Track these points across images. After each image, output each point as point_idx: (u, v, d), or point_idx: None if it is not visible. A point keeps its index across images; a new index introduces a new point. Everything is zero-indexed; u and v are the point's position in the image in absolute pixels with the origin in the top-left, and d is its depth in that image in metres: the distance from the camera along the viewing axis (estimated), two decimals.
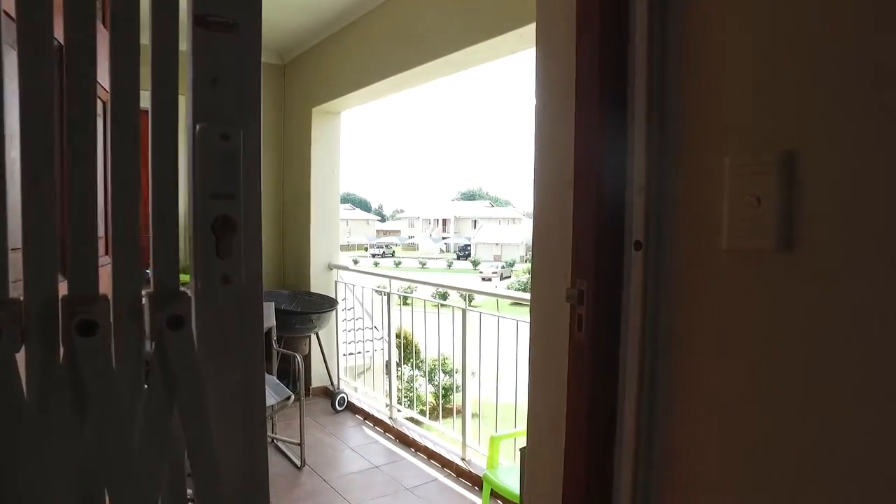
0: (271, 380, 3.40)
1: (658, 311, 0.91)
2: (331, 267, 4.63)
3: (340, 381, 4.65)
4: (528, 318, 1.26)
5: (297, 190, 4.76)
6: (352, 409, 4.29)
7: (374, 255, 66.69)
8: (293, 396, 3.19)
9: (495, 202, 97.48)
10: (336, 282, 4.62)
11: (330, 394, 4.44)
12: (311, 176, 4.57)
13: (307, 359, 4.51)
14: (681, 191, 0.87)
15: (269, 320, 3.53)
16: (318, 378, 4.62)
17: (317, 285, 4.57)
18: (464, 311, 3.24)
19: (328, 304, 4.32)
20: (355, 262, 49.76)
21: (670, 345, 0.90)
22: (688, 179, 0.86)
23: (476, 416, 3.61)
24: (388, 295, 3.95)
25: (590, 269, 0.97)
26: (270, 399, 3.21)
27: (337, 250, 4.71)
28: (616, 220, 0.95)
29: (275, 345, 3.55)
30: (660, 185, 0.89)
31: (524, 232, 65.75)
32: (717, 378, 0.84)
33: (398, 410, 3.96)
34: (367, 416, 4.11)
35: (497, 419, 3.83)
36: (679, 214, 0.88)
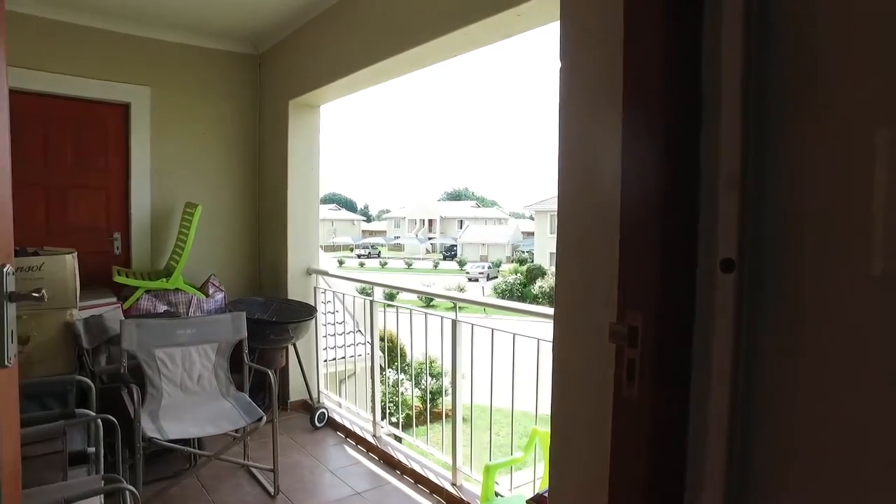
0: (242, 399, 3.08)
1: (755, 363, 0.62)
2: (310, 272, 4.30)
3: (321, 395, 4.33)
4: (524, 328, 0.97)
5: (273, 189, 4.43)
6: (333, 425, 3.97)
7: (359, 256, 66.07)
8: (264, 418, 2.87)
9: (481, 202, 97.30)
10: (315, 288, 4.29)
11: (309, 408, 4.12)
12: (288, 174, 4.24)
13: (284, 371, 4.19)
14: (798, 184, 0.58)
15: (241, 332, 3.21)
16: (296, 391, 4.30)
17: (295, 292, 4.24)
18: (454, 322, 2.94)
19: (307, 312, 3.99)
20: (341, 262, 49.31)
21: (773, 419, 0.61)
22: (812, 166, 0.57)
23: (467, 420, 3.31)
24: (372, 302, 3.64)
25: (648, 297, 0.68)
26: (240, 421, 2.89)
27: (317, 254, 4.39)
28: (688, 228, 0.66)
29: (246, 359, 3.22)
30: (763, 174, 0.60)
31: (510, 232, 65.59)
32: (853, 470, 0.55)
33: (382, 427, 3.65)
34: (349, 434, 3.79)
35: (491, 432, 3.54)
36: (795, 220, 0.58)
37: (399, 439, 3.65)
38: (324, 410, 3.98)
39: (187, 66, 4.26)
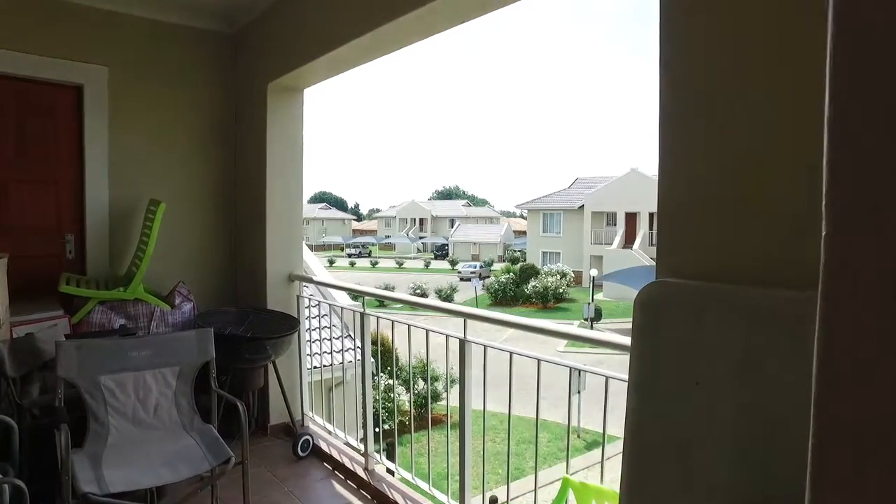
0: (207, 434, 2.57)
1: None
2: (292, 278, 3.79)
3: (305, 418, 3.82)
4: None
5: (250, 184, 3.92)
6: (318, 453, 3.47)
7: (349, 256, 65.43)
8: (233, 459, 2.36)
9: (472, 201, 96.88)
10: (299, 297, 3.78)
11: (292, 433, 3.61)
12: (267, 167, 3.73)
13: (263, 391, 3.68)
14: None
15: (208, 352, 2.70)
16: (277, 413, 3.79)
17: (275, 301, 3.73)
18: (462, 343, 2.44)
19: (288, 325, 3.48)
20: (331, 262, 48.69)
21: None
22: None
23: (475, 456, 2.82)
24: (363, 315, 3.13)
25: None
26: (204, 463, 2.38)
27: (300, 258, 3.88)
28: None
29: (214, 385, 2.71)
30: None
31: (502, 231, 65.21)
32: None
33: (375, 461, 3.15)
34: (338, 466, 3.29)
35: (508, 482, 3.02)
36: None
37: (392, 472, 3.16)
38: (308, 437, 3.48)
39: (151, 44, 3.73)
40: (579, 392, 14.12)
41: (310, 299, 3.93)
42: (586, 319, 24.94)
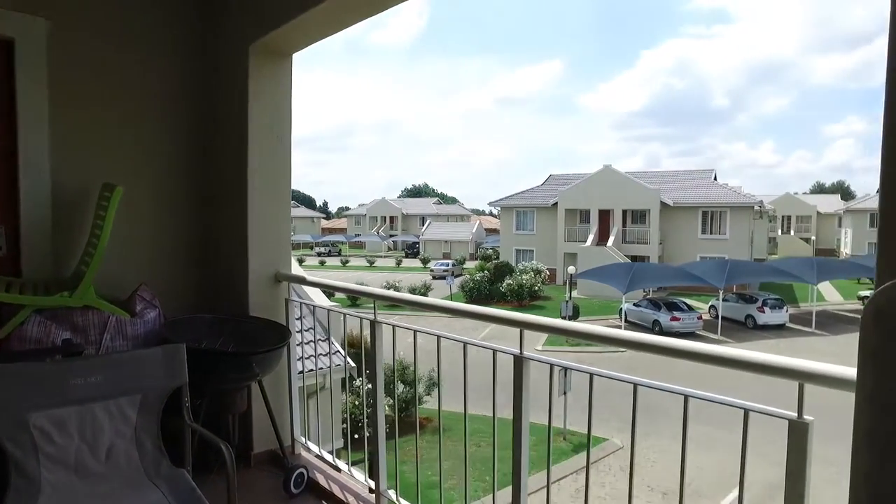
0: (179, 482, 1.95)
1: None
2: (279, 279, 3.17)
3: (296, 444, 3.21)
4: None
5: (227, 166, 3.28)
6: (315, 489, 2.87)
7: (319, 255, 64.18)
8: None
9: (443, 199, 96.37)
10: (288, 300, 3.16)
11: (281, 464, 3.00)
12: (248, 147, 3.10)
13: (246, 416, 3.05)
14: None
15: (178, 374, 2.08)
16: (263, 439, 3.17)
17: (259, 306, 3.11)
18: (518, 360, 1.89)
19: (277, 335, 2.87)
20: (301, 261, 47.49)
21: None
22: None
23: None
24: (375, 324, 2.53)
25: None
26: None
27: (288, 256, 3.26)
28: None
29: (188, 417, 2.09)
30: None
31: (473, 229, 64.89)
32: None
33: (391, 501, 2.57)
34: None
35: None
36: None
37: None
38: (302, 470, 2.87)
39: None
40: (565, 393, 13.73)
41: (301, 304, 3.31)
42: (564, 317, 24.67)
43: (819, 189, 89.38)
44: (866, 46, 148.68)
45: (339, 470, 2.97)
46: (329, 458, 3.04)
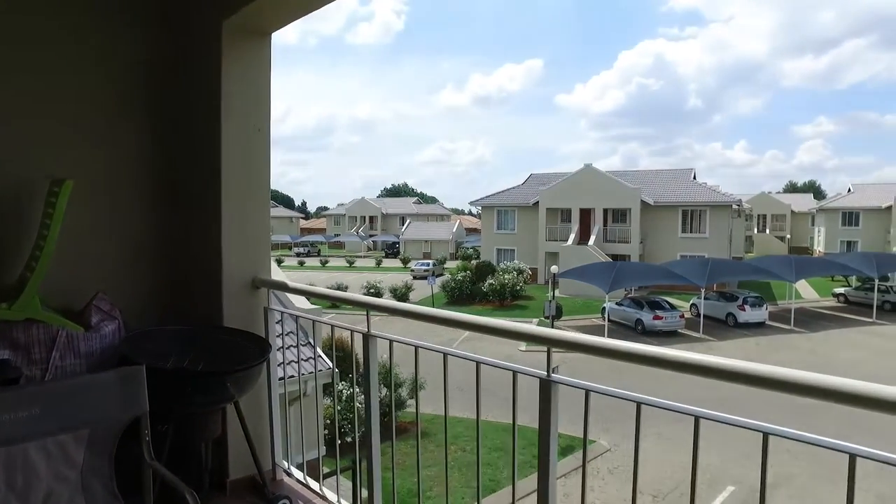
0: None
1: None
2: (257, 285, 2.82)
3: (277, 469, 2.87)
4: None
5: (199, 160, 2.91)
6: None
7: (298, 255, 63.28)
8: None
9: (422, 198, 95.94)
10: (267, 309, 2.81)
11: (260, 492, 2.66)
12: (221, 136, 2.74)
13: (221, 439, 2.70)
14: None
15: (136, 403, 1.73)
16: (240, 465, 2.81)
17: (235, 315, 2.75)
18: (547, 384, 1.58)
19: (255, 349, 2.52)
20: (279, 262, 46.68)
21: None
22: None
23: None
24: (369, 337, 2.21)
25: None
26: None
27: (268, 258, 2.92)
28: None
29: (148, 454, 1.74)
30: None
31: (453, 228, 64.64)
32: None
33: None
34: None
35: None
36: None
37: None
38: (285, 501, 2.53)
39: None
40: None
41: (282, 313, 2.96)
42: (547, 317, 24.52)
43: (792, 188, 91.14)
44: (834, 50, 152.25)
45: (325, 500, 2.63)
46: (315, 486, 2.70)
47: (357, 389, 8.44)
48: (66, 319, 2.34)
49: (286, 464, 2.89)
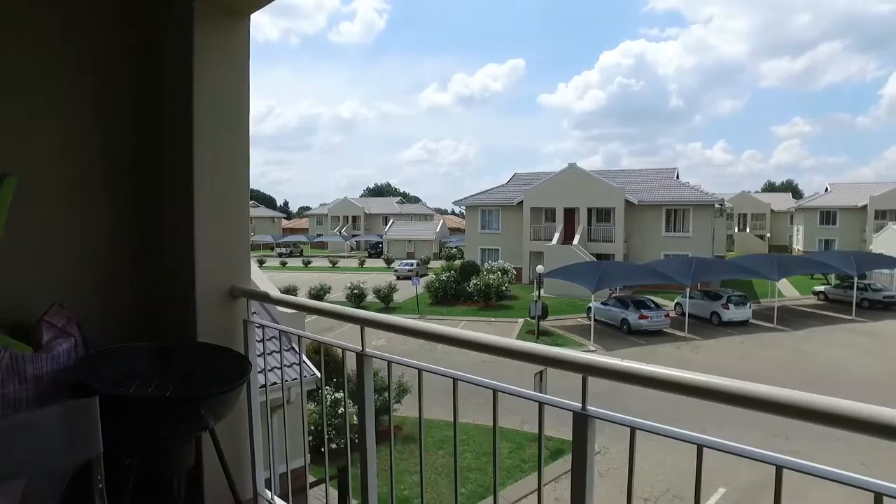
0: None
1: None
2: (236, 294, 2.52)
3: (259, 499, 2.57)
4: None
5: (170, 156, 2.61)
6: None
7: (280, 255, 62.48)
8: None
9: (405, 198, 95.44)
10: (247, 322, 2.51)
11: None
12: (193, 128, 2.44)
13: (195, 472, 2.39)
14: None
15: (88, 444, 1.44)
16: (214, 494, 2.51)
17: (210, 329, 2.45)
18: (581, 418, 1.33)
19: (233, 369, 2.23)
20: (261, 262, 45.97)
21: None
22: None
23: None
24: (363, 356, 1.93)
25: None
26: None
27: (247, 264, 2.62)
28: None
29: (99, 501, 1.45)
30: None
31: (437, 228, 64.35)
32: None
33: None
34: None
35: None
36: None
37: None
38: None
39: None
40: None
41: (263, 327, 2.67)
42: (533, 317, 24.36)
43: (770, 188, 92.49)
44: (811, 52, 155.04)
45: None
46: None
47: (351, 408, 8.12)
48: (9, 338, 2.02)
49: (269, 493, 2.60)
